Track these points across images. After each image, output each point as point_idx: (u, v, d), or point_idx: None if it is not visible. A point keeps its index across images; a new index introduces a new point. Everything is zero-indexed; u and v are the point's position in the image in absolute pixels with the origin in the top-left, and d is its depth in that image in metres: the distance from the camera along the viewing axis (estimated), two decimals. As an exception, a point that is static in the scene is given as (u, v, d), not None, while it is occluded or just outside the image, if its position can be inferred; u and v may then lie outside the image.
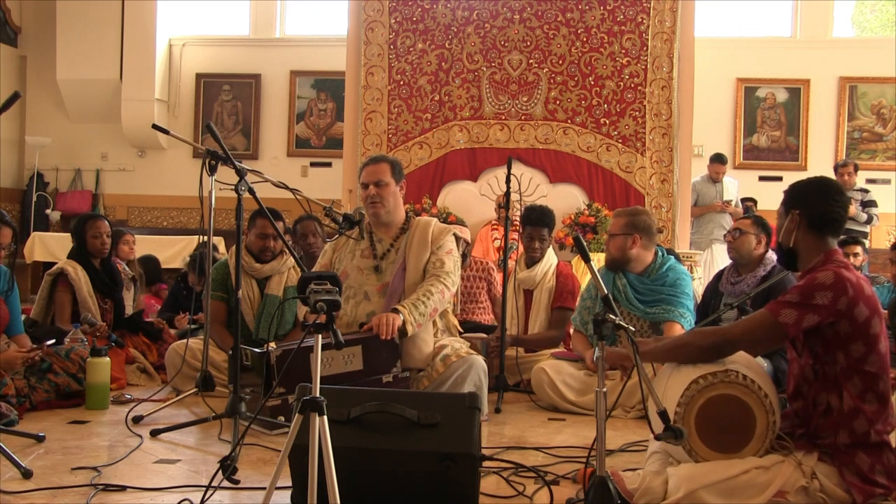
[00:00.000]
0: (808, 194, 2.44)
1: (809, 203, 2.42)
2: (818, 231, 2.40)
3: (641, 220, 4.00)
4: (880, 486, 2.20)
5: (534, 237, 4.57)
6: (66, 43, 9.34)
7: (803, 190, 2.46)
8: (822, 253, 2.38)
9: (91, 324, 4.26)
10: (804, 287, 2.26)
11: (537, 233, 4.57)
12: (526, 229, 4.59)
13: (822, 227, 2.40)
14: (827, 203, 2.41)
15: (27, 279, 8.53)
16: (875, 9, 10.01)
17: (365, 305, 3.57)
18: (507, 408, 3.89)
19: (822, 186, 2.45)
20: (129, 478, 2.60)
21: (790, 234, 2.44)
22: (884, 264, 8.35)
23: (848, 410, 2.21)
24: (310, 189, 4.49)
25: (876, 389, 2.24)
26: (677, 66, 6.94)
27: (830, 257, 2.36)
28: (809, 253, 2.41)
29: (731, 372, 2.31)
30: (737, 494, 2.17)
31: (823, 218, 2.40)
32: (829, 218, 2.40)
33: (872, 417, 2.21)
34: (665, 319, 3.90)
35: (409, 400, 2.35)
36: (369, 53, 7.31)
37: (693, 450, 2.29)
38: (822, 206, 2.40)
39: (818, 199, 2.41)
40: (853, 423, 2.20)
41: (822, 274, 2.26)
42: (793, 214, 2.43)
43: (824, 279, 2.24)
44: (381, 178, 3.61)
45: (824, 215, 2.40)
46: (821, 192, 2.43)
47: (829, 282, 2.22)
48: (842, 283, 2.23)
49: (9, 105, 2.51)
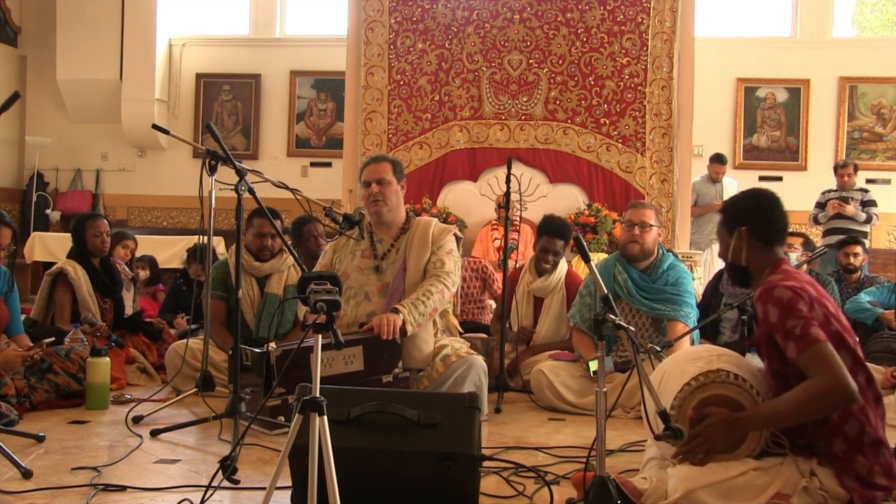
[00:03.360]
0: (750, 209, 2.44)
1: (753, 218, 2.42)
2: (766, 244, 2.41)
3: (659, 211, 4.04)
4: (880, 487, 2.19)
5: (548, 249, 4.46)
6: (66, 43, 9.34)
7: (744, 205, 2.47)
8: (771, 264, 2.40)
9: (91, 324, 4.26)
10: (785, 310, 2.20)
11: (553, 245, 4.46)
12: (542, 238, 4.49)
13: (769, 239, 2.41)
14: (770, 215, 2.42)
15: (27, 279, 8.53)
16: (875, 9, 10.01)
17: (365, 305, 3.58)
18: (507, 408, 3.89)
19: (762, 199, 2.46)
20: (129, 478, 2.60)
21: (740, 252, 2.44)
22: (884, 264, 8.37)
23: (837, 416, 2.20)
24: (310, 189, 4.49)
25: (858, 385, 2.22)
26: (677, 66, 6.94)
27: (778, 267, 2.38)
28: (760, 268, 2.42)
29: (723, 372, 2.31)
30: (735, 495, 2.17)
31: (769, 230, 2.42)
32: (775, 229, 2.42)
33: (861, 416, 2.20)
34: (669, 318, 3.90)
35: (409, 400, 2.35)
36: (369, 53, 7.31)
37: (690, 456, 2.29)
38: (766, 219, 2.42)
39: (761, 212, 2.43)
40: (845, 427, 2.20)
41: (778, 291, 2.23)
42: (739, 232, 2.43)
43: (782, 295, 2.22)
44: (384, 177, 3.61)
45: (770, 227, 2.42)
46: (761, 205, 2.44)
47: (788, 296, 2.21)
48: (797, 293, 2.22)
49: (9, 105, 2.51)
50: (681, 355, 2.57)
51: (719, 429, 2.20)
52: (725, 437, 2.21)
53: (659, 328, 3.93)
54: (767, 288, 2.26)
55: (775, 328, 2.22)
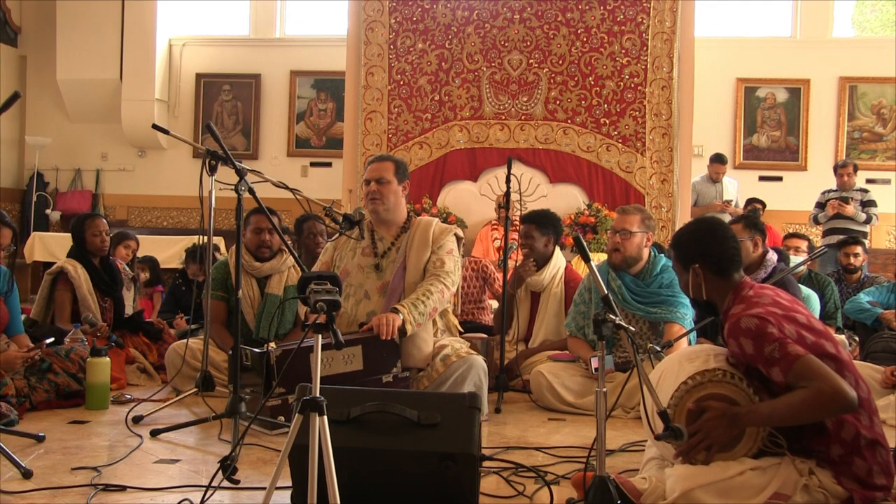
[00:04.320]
0: (698, 244, 2.44)
1: (703, 253, 2.42)
2: (721, 275, 2.42)
3: (650, 216, 4.01)
4: (880, 487, 2.19)
5: (524, 235, 4.56)
6: (66, 43, 9.34)
7: (691, 241, 2.47)
8: (731, 291, 2.40)
9: (91, 323, 4.26)
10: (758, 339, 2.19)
11: (528, 230, 4.54)
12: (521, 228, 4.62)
13: (723, 269, 2.41)
14: (719, 244, 2.42)
15: (27, 279, 8.53)
16: (875, 9, 10.01)
17: (365, 304, 3.58)
18: (507, 408, 3.89)
19: (707, 230, 2.45)
20: (129, 478, 2.60)
21: (699, 288, 2.44)
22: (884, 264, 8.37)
23: (832, 424, 2.20)
24: (310, 189, 4.49)
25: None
26: (677, 66, 6.94)
27: (738, 294, 2.38)
28: (722, 297, 2.42)
29: (719, 370, 2.31)
30: (733, 495, 2.17)
31: (722, 261, 2.41)
32: (727, 257, 2.41)
33: (853, 420, 2.20)
34: (665, 320, 3.89)
35: (409, 400, 2.35)
36: (369, 53, 7.31)
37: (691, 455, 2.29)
38: (716, 251, 2.41)
39: (709, 244, 2.42)
40: (841, 433, 2.20)
41: (744, 321, 2.22)
42: (694, 269, 2.44)
43: (749, 325, 2.21)
44: (383, 176, 3.62)
45: (722, 257, 2.41)
46: (707, 236, 2.44)
47: (754, 324, 2.20)
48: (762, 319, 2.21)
49: (9, 105, 2.51)
50: (677, 355, 2.57)
51: (719, 423, 2.21)
52: (724, 431, 2.21)
53: (656, 331, 3.92)
54: (733, 322, 2.26)
55: (754, 358, 2.22)
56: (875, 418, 2.26)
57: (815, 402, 2.11)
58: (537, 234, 4.52)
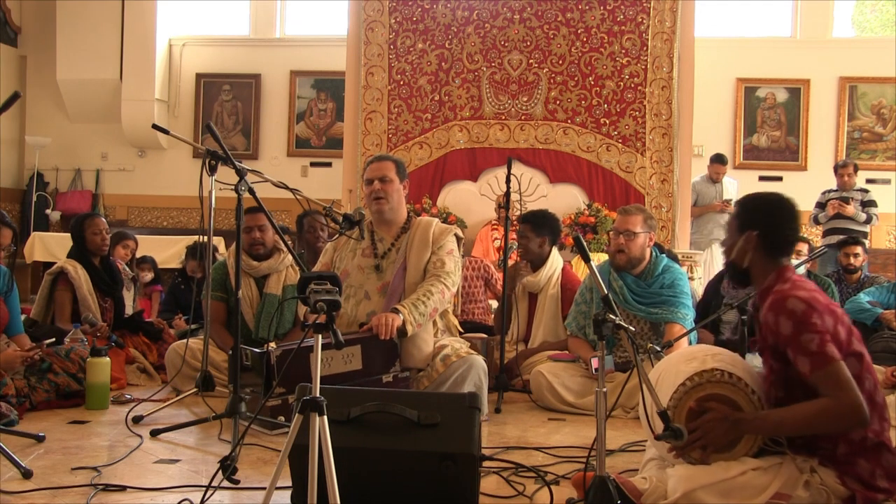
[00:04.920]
0: (767, 216, 2.36)
1: (767, 225, 2.35)
2: (773, 253, 2.35)
3: (651, 216, 4.00)
4: (882, 490, 2.19)
5: (519, 235, 4.57)
6: (66, 43, 9.34)
7: (762, 210, 2.39)
8: (775, 272, 2.34)
9: (91, 323, 4.26)
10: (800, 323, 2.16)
11: (524, 230, 4.55)
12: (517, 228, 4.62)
13: (777, 249, 2.35)
14: (785, 226, 2.35)
15: (27, 279, 8.53)
16: (875, 9, 10.01)
17: (365, 304, 3.58)
18: (507, 408, 3.89)
19: (781, 208, 2.38)
20: (129, 478, 2.60)
21: (744, 254, 2.37)
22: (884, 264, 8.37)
23: None
24: (310, 189, 4.49)
25: (865, 391, 2.22)
26: (677, 66, 6.94)
27: (782, 275, 2.32)
28: (763, 273, 2.36)
29: (717, 371, 2.30)
30: (735, 495, 2.16)
31: (780, 241, 2.35)
32: (786, 240, 2.36)
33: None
34: (666, 320, 3.89)
35: (409, 400, 2.35)
36: (369, 53, 7.31)
37: (686, 451, 2.29)
38: (779, 230, 2.35)
39: (776, 221, 2.35)
40: (850, 433, 2.20)
41: (791, 302, 2.18)
42: (749, 235, 2.36)
43: (795, 307, 2.17)
44: (386, 175, 3.62)
45: (782, 239, 2.35)
46: (779, 214, 2.37)
47: (802, 308, 2.16)
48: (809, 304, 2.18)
49: (9, 105, 2.51)
50: (676, 356, 2.56)
51: (719, 425, 2.20)
52: (724, 434, 2.20)
53: (657, 332, 3.92)
54: (780, 298, 2.21)
55: (787, 341, 2.18)
56: (885, 424, 2.25)
57: (833, 413, 2.11)
58: (532, 235, 4.53)
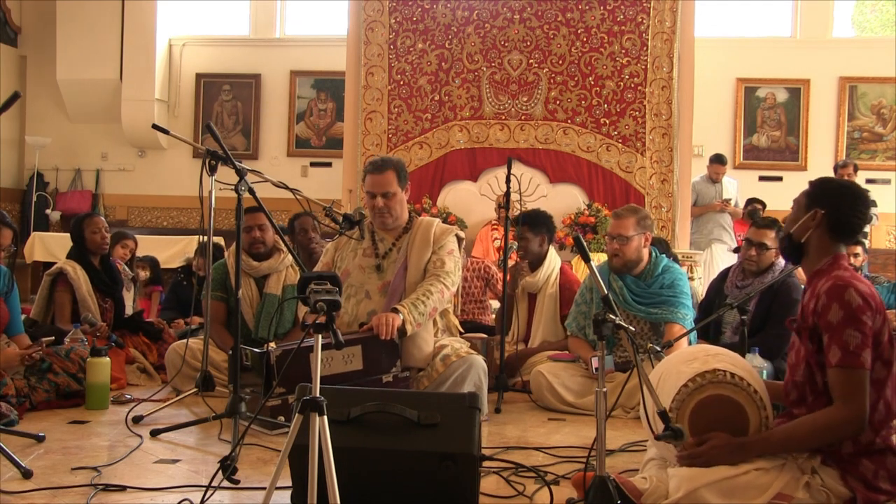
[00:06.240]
0: (839, 198, 2.34)
1: (837, 206, 2.32)
2: (835, 236, 2.33)
3: (645, 215, 3.99)
4: (884, 492, 2.18)
5: (518, 236, 4.57)
6: (66, 43, 9.34)
7: (835, 192, 2.36)
8: (831, 255, 2.32)
9: (91, 324, 4.26)
10: (850, 317, 2.15)
11: (520, 232, 4.56)
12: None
13: (840, 233, 2.33)
14: (854, 212, 2.33)
15: (27, 279, 8.52)
16: (875, 9, 10.01)
17: (366, 304, 3.58)
18: (507, 408, 3.89)
19: (853, 194, 2.36)
20: (129, 478, 2.60)
21: (805, 231, 2.35)
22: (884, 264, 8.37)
23: None
24: (310, 189, 4.49)
25: (884, 397, 2.22)
26: (677, 66, 6.94)
27: (838, 261, 2.30)
28: (819, 254, 2.34)
29: (720, 371, 2.30)
30: (737, 494, 2.16)
31: (845, 225, 2.33)
32: (851, 226, 2.34)
33: (878, 426, 2.20)
34: (666, 320, 3.89)
35: (409, 400, 2.35)
36: (369, 53, 7.31)
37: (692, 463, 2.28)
38: (848, 214, 2.32)
39: (847, 205, 2.33)
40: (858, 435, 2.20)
41: (850, 294, 2.17)
42: (816, 212, 2.33)
43: (852, 300, 2.16)
44: (389, 189, 3.58)
45: (847, 223, 2.33)
46: (851, 198, 2.34)
47: (858, 303, 2.16)
48: (867, 300, 2.17)
49: (9, 105, 2.50)
50: (676, 357, 2.55)
51: (722, 451, 2.20)
52: (727, 460, 2.19)
53: (658, 332, 3.91)
54: (841, 284, 2.19)
55: (830, 327, 2.17)
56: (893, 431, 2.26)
57: (838, 424, 2.15)
58: (531, 235, 4.55)
